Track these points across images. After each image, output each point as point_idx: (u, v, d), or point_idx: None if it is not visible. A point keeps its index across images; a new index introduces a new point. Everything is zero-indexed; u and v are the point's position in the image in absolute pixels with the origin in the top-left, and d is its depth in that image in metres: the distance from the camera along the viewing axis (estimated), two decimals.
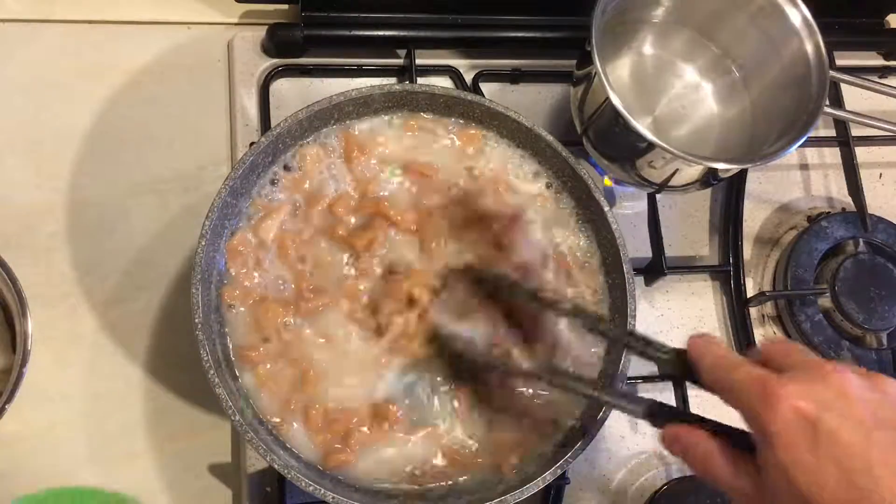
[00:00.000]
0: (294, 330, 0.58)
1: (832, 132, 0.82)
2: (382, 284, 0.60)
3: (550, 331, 0.59)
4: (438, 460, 0.58)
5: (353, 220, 0.61)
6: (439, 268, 0.61)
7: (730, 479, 0.45)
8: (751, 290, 0.76)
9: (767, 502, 0.43)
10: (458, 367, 0.58)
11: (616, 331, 0.58)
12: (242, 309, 0.58)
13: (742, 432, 0.45)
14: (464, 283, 0.59)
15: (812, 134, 0.65)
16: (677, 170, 0.65)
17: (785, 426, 0.41)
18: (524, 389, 0.59)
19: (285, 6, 0.75)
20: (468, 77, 0.76)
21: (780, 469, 0.41)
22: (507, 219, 0.61)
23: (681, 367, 0.49)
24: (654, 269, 0.73)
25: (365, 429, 0.57)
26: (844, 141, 0.81)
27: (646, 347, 0.52)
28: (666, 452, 0.69)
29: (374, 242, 0.60)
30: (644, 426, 0.70)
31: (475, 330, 0.58)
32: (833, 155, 0.83)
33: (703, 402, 0.65)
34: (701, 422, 0.48)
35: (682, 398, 0.69)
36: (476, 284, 0.59)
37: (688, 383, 0.56)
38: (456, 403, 0.59)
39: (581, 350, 0.61)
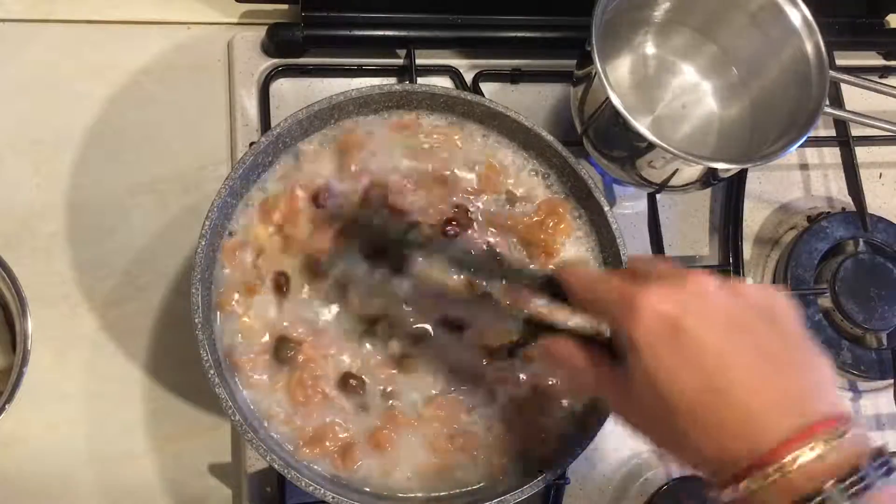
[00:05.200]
0: None
1: (832, 132, 0.82)
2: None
3: None
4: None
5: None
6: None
7: (605, 389, 0.47)
8: None
9: (634, 409, 0.45)
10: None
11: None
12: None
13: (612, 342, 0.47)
14: None
15: (812, 134, 0.65)
16: (677, 170, 0.65)
17: (647, 330, 0.42)
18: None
19: (285, 6, 0.75)
20: (468, 77, 0.76)
21: (644, 373, 0.42)
22: None
23: (552, 287, 0.50)
24: None
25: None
26: (844, 141, 0.81)
27: (519, 274, 0.55)
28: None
29: None
30: None
31: None
32: (833, 155, 0.83)
33: None
34: (575, 334, 0.49)
35: None
36: None
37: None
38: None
39: None
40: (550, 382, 0.60)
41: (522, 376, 0.60)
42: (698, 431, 0.41)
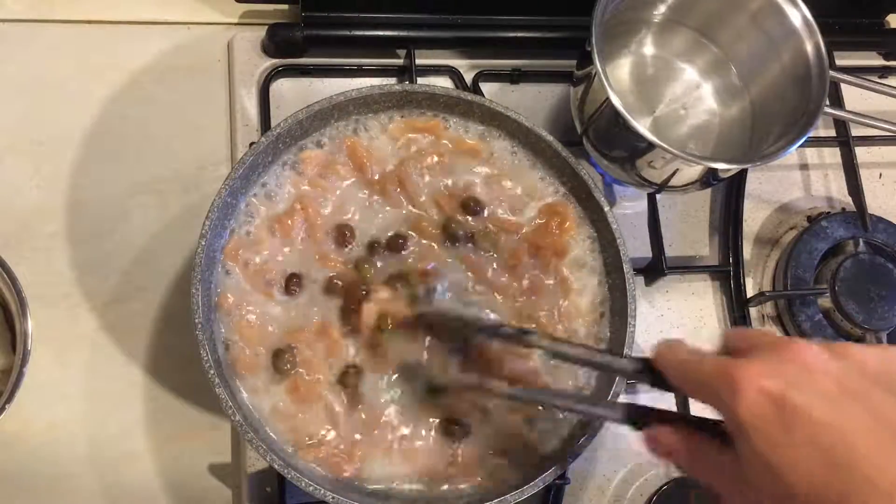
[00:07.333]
0: None
1: (832, 132, 0.82)
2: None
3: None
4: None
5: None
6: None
7: (715, 477, 0.43)
8: (751, 290, 0.76)
9: (748, 495, 0.41)
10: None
11: (577, 350, 0.53)
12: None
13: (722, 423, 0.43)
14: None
15: (812, 134, 0.65)
16: (677, 170, 0.65)
17: (752, 410, 0.39)
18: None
19: (285, 6, 0.75)
20: (468, 77, 0.76)
21: (757, 456, 0.39)
22: None
23: (649, 374, 0.48)
24: (654, 269, 0.73)
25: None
26: (844, 141, 0.81)
27: (611, 361, 0.51)
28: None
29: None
30: None
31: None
32: (833, 155, 0.83)
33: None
34: (683, 419, 0.47)
35: (684, 403, 0.68)
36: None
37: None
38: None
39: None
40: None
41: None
42: None
